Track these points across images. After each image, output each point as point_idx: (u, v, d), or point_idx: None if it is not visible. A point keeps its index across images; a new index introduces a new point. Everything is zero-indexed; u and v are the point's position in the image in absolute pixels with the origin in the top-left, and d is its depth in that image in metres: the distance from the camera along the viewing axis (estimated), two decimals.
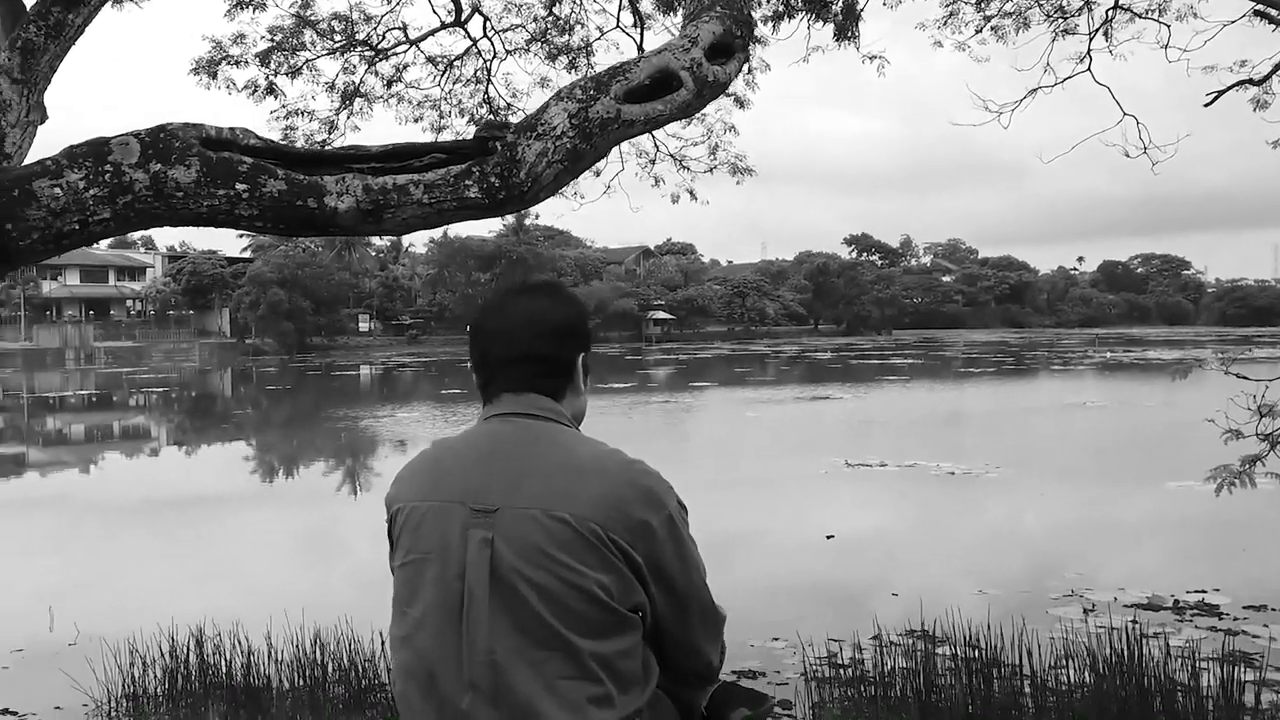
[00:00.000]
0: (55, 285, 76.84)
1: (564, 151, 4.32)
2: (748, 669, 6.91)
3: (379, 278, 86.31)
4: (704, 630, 1.88)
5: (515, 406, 1.84)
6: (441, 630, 1.71)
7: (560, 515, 1.69)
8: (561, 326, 1.90)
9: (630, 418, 25.92)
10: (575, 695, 1.67)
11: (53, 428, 31.10)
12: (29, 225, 3.74)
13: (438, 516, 1.76)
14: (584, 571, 1.67)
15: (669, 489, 1.82)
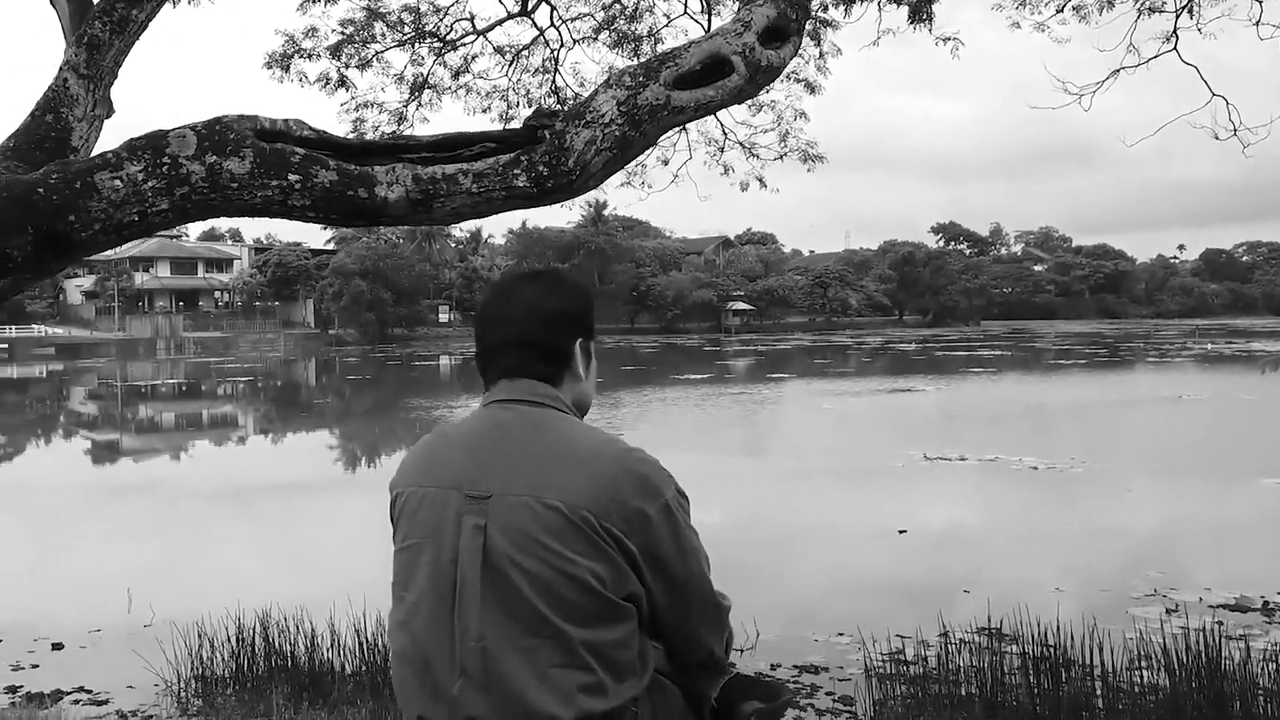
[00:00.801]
0: (147, 277, 79.54)
1: (613, 139, 4.34)
2: (809, 663, 6.87)
3: (459, 269, 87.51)
4: (704, 620, 1.86)
5: (511, 393, 1.85)
6: (434, 616, 1.73)
7: (552, 503, 1.69)
8: (557, 312, 1.90)
9: (703, 409, 25.89)
10: (566, 683, 1.67)
11: (145, 416, 32.26)
12: (91, 217, 3.89)
13: (433, 502, 1.78)
14: (575, 560, 1.67)
15: (667, 478, 1.81)
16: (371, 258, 71.04)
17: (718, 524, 11.97)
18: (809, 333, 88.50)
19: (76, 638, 7.19)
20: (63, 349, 70.19)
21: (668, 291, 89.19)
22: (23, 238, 3.79)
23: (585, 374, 1.94)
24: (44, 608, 8.12)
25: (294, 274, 78.00)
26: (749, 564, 9.85)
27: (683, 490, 1.85)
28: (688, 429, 21.64)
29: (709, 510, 12.80)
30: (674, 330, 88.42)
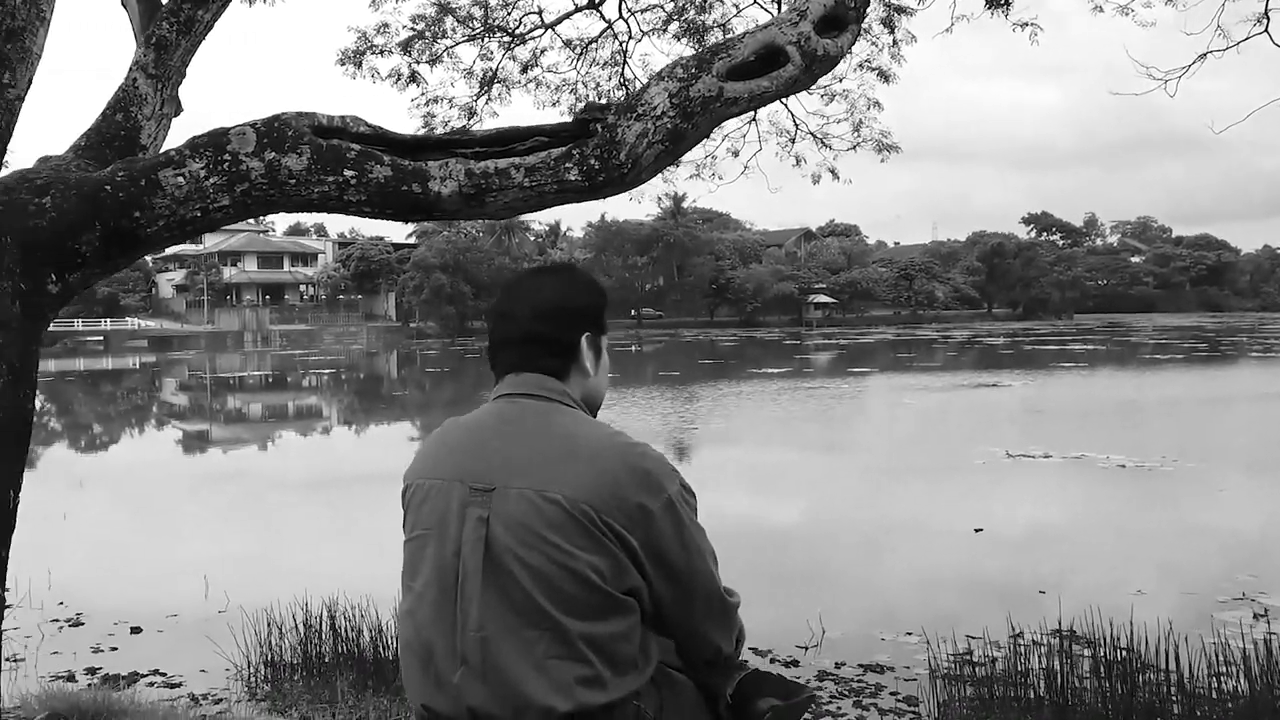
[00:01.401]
0: (235, 271, 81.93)
1: (664, 132, 4.35)
2: (875, 662, 6.82)
3: (537, 262, 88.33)
4: (710, 616, 1.87)
5: (517, 387, 1.88)
6: (438, 606, 1.78)
7: (553, 496, 1.71)
8: (562, 307, 1.92)
9: (779, 403, 25.75)
10: (563, 675, 1.69)
11: (233, 407, 33.28)
12: (155, 213, 4.04)
13: (439, 494, 1.82)
14: (574, 553, 1.69)
15: (671, 473, 1.82)
16: (451, 251, 72.19)
17: (787, 520, 11.93)
18: (893, 326, 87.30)
19: (155, 622, 7.49)
20: (155, 341, 72.79)
21: (747, 284, 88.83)
22: (91, 233, 3.95)
23: (594, 369, 1.95)
24: (126, 592, 8.46)
25: (376, 268, 79.62)
26: (818, 561, 9.81)
27: (689, 486, 1.85)
28: (762, 423, 21.53)
29: (779, 506, 12.78)
30: (754, 324, 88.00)
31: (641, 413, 23.75)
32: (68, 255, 3.93)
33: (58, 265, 3.91)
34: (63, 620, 7.52)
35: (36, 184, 4.00)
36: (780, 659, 6.84)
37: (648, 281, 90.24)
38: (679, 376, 35.93)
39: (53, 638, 7.12)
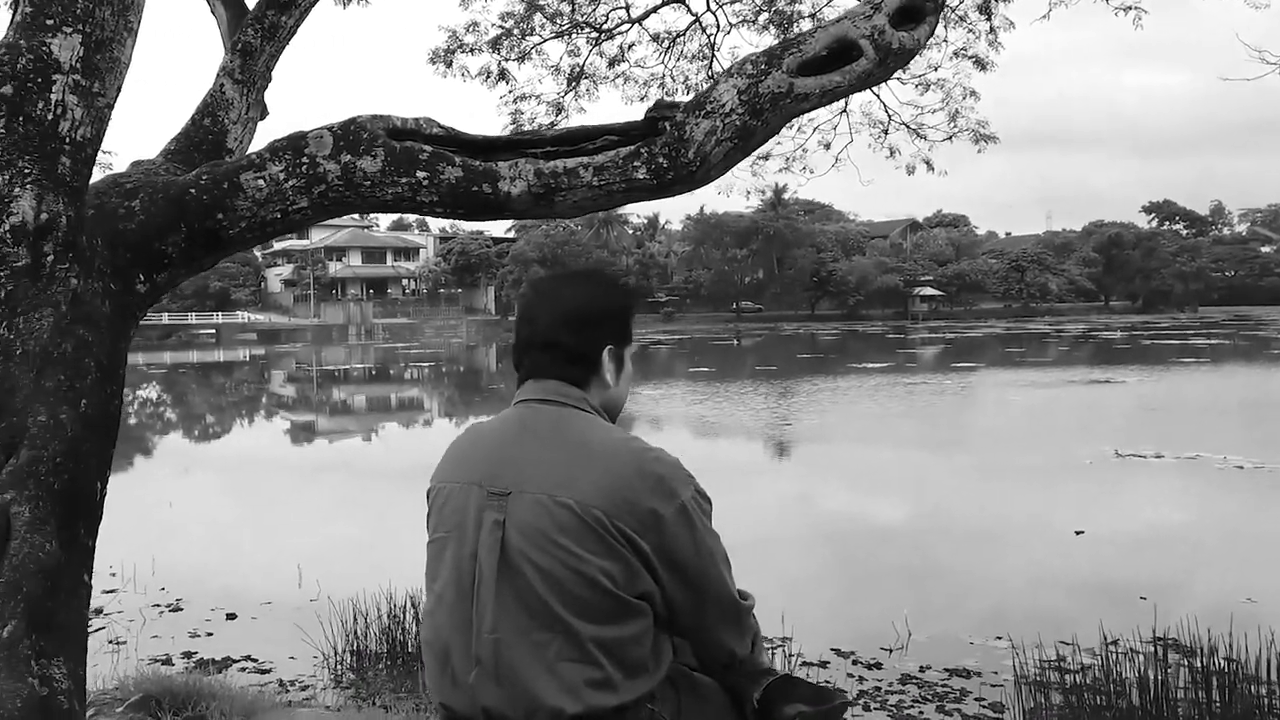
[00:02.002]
0: (340, 266, 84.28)
1: (733, 129, 4.37)
2: (961, 667, 6.73)
3: (635, 255, 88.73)
4: (723, 621, 1.90)
5: (537, 393, 1.93)
6: (455, 607, 1.84)
7: (565, 501, 1.76)
8: (585, 316, 1.95)
9: (876, 399, 25.38)
10: (574, 678, 1.74)
11: (338, 398, 34.30)
12: (237, 215, 4.22)
13: (459, 497, 1.89)
14: (586, 558, 1.74)
15: (685, 479, 1.84)
16: (549, 245, 73.09)
17: (877, 519, 11.80)
18: (1003, 319, 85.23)
19: (249, 609, 7.81)
20: (263, 334, 75.43)
21: (850, 277, 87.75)
22: (177, 235, 4.16)
23: (615, 380, 1.98)
24: (224, 579, 8.82)
25: (476, 262, 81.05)
26: (907, 561, 9.70)
27: (704, 492, 1.88)
28: (856, 420, 21.28)
29: (869, 504, 12.64)
30: (856, 317, 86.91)
31: (734, 407, 23.72)
32: (155, 256, 4.14)
33: (145, 266, 4.12)
34: (164, 605, 7.90)
35: (126, 188, 4.22)
36: (863, 660, 6.81)
37: (747, 274, 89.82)
38: (776, 371, 35.75)
39: (153, 622, 7.49)
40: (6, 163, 3.65)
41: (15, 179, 3.66)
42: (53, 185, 3.77)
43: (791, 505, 12.56)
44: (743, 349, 55.66)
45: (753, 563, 9.55)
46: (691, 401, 25.64)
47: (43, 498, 3.24)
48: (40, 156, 3.73)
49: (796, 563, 9.69)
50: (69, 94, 3.78)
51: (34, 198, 3.69)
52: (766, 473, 15.56)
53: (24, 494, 3.19)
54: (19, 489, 3.20)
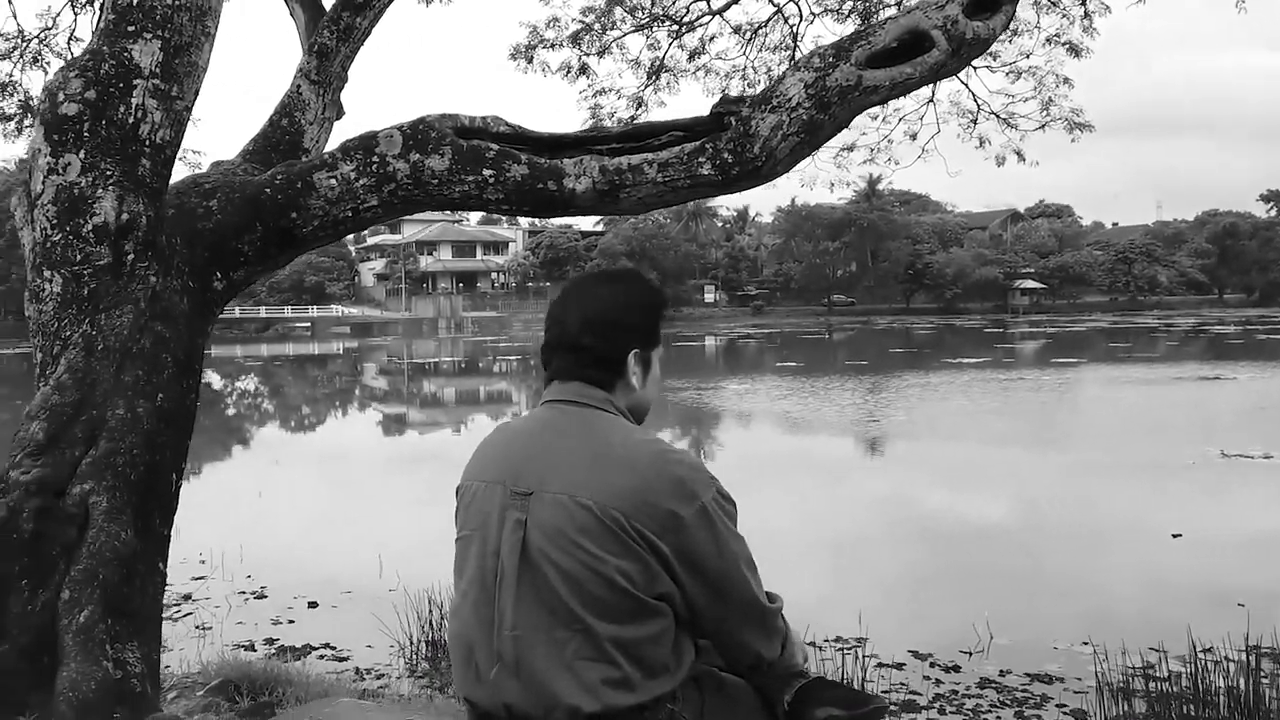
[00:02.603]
0: (431, 260, 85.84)
1: (800, 123, 4.36)
2: (1044, 672, 6.61)
3: (725, 248, 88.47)
4: (748, 623, 1.90)
5: (562, 394, 1.96)
6: (478, 604, 1.88)
7: (585, 502, 1.78)
8: (612, 320, 1.96)
9: (969, 395, 24.91)
10: (591, 676, 1.76)
11: (428, 391, 34.97)
12: (310, 213, 4.37)
13: (484, 496, 1.93)
14: (604, 558, 1.76)
15: (707, 481, 1.85)
16: (638, 238, 73.33)
17: (960, 518, 11.62)
18: (1109, 313, 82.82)
19: (330, 597, 8.04)
20: (356, 328, 77.25)
21: (947, 269, 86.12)
22: (253, 233, 4.32)
23: (641, 384, 1.99)
24: (308, 568, 9.09)
25: (564, 255, 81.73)
26: (992, 562, 9.54)
27: (726, 494, 1.88)
28: (946, 416, 20.88)
29: (954, 503, 12.44)
30: (953, 311, 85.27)
31: (820, 403, 23.53)
32: (231, 254, 4.31)
33: (222, 264, 4.29)
34: (249, 592, 8.19)
35: (205, 188, 4.40)
36: (940, 663, 6.73)
37: (839, 267, 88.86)
38: (867, 366, 35.33)
39: (238, 609, 7.77)
40: (89, 165, 3.85)
41: (98, 181, 3.85)
42: (133, 186, 3.95)
43: (875, 503, 12.44)
44: (834, 343, 55.12)
45: (831, 562, 9.54)
46: (777, 397, 25.50)
47: (120, 488, 3.41)
48: (121, 159, 3.91)
49: (876, 562, 9.61)
50: (149, 98, 3.96)
51: (115, 198, 3.88)
52: (849, 470, 15.42)
53: (102, 484, 3.36)
54: (98, 479, 3.37)
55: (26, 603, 3.14)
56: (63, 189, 3.78)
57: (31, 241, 3.83)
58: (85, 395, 3.54)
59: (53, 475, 3.32)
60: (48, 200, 3.79)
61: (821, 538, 10.60)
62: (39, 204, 3.81)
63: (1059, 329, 62.13)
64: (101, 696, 3.02)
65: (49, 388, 3.54)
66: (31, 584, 3.16)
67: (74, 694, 2.97)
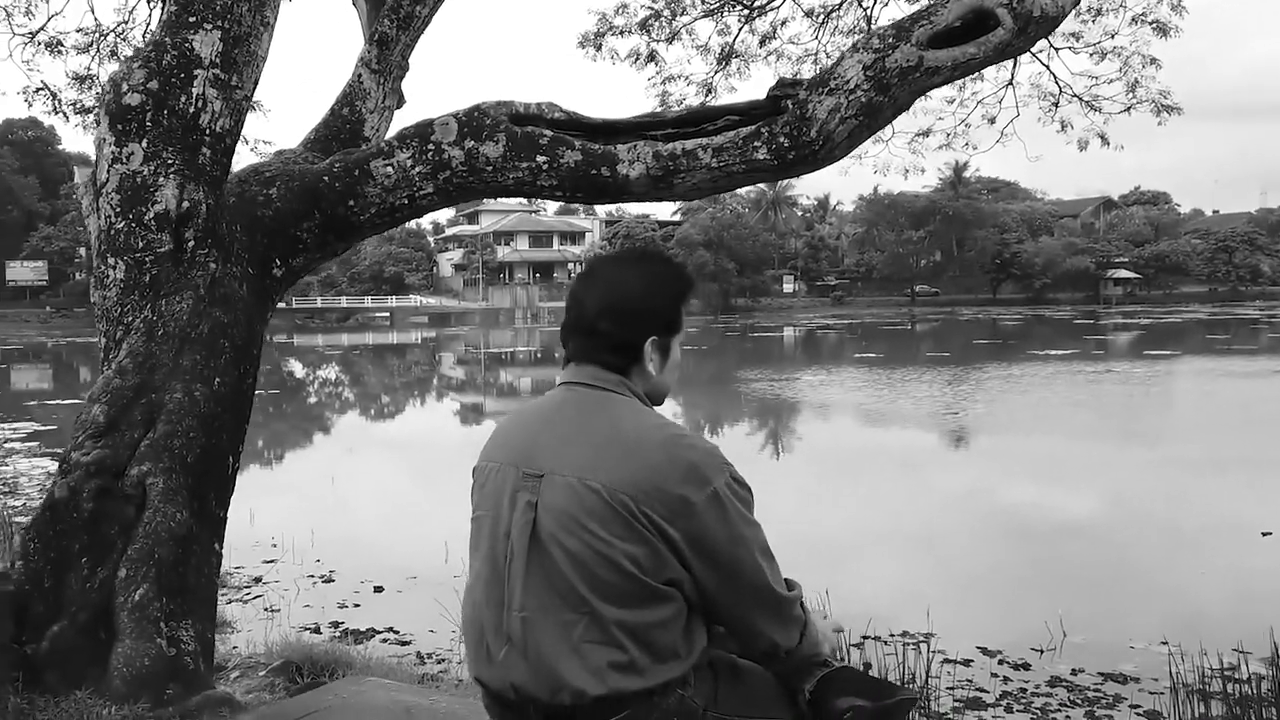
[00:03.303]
0: (508, 250, 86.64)
1: (858, 106, 4.31)
2: (1118, 671, 6.46)
3: (804, 237, 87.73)
4: (760, 610, 1.88)
5: (578, 376, 1.96)
6: (489, 585, 1.90)
7: (593, 485, 1.78)
8: (628, 306, 1.94)
9: (1051, 387, 24.33)
10: (597, 660, 1.77)
11: (505, 380, 35.36)
12: (367, 201, 4.46)
13: (497, 477, 1.94)
14: (612, 541, 1.76)
15: (719, 466, 1.83)
16: (715, 228, 73.04)
17: (1035, 513, 11.39)
18: (1208, 304, 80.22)
19: (396, 582, 8.18)
20: (434, 317, 78.42)
21: (1036, 259, 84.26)
22: (311, 221, 4.42)
23: (659, 370, 1.98)
24: (375, 553, 9.26)
25: (640, 245, 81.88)
26: (1069, 558, 9.34)
27: (740, 479, 1.87)
28: (1028, 409, 20.42)
29: (1027, 497, 12.19)
30: (1042, 301, 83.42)
31: (896, 395, 23.22)
32: (290, 241, 4.41)
33: (282, 250, 4.40)
34: (317, 576, 8.37)
35: (265, 176, 4.51)
36: (1010, 660, 6.61)
37: (923, 256, 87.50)
38: (949, 358, 34.75)
39: (306, 591, 7.95)
40: (151, 154, 3.97)
41: (159, 169, 3.98)
42: (194, 175, 4.07)
43: (949, 497, 12.24)
44: (916, 334, 54.34)
45: (901, 556, 9.43)
46: (852, 388, 25.23)
47: (176, 470, 3.53)
48: (182, 148, 4.03)
49: (948, 557, 9.47)
50: (209, 88, 4.07)
51: (176, 187, 4.00)
52: (923, 463, 15.18)
53: (159, 466, 3.48)
54: (155, 461, 3.49)
55: (85, 580, 3.26)
56: (126, 178, 3.91)
57: (97, 229, 3.97)
58: (145, 379, 3.66)
59: (112, 457, 3.44)
60: (112, 189, 3.92)
61: (892, 531, 10.48)
62: (104, 192, 3.94)
63: (1153, 320, 60.43)
64: (155, 672, 3.12)
65: (110, 371, 3.66)
66: (90, 562, 3.29)
67: (128, 669, 3.08)
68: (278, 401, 26.38)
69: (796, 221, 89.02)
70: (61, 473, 3.41)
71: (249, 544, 9.04)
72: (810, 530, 10.29)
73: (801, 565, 8.07)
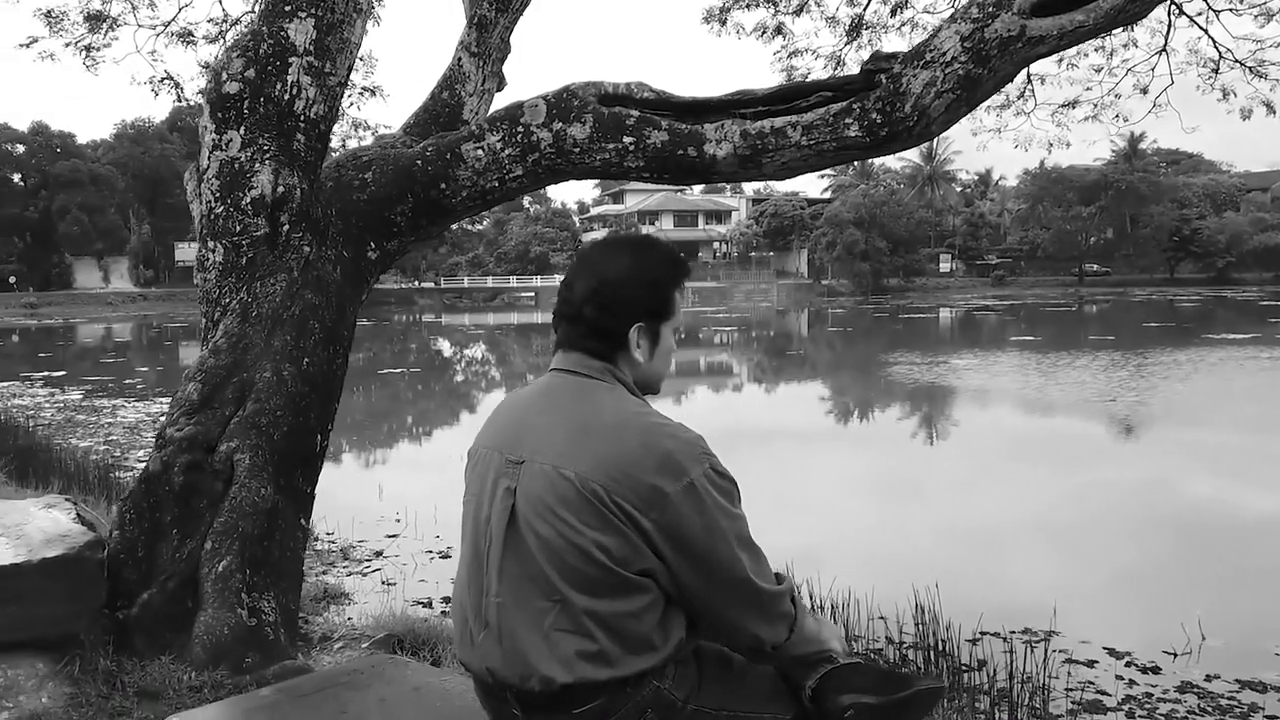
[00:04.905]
0: (653, 230, 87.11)
1: (955, 79, 4.20)
2: (1257, 679, 6.12)
3: (963, 214, 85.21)
4: (739, 604, 1.87)
5: (564, 363, 1.98)
6: (471, 570, 1.95)
7: (567, 473, 1.81)
8: (617, 295, 1.95)
9: (1220, 375, 22.98)
10: (566, 648, 1.79)
11: None
12: (459, 184, 4.59)
13: (484, 462, 1.98)
14: (582, 530, 1.78)
15: (697, 456, 1.82)
16: (867, 205, 71.63)
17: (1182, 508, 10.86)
18: None
19: None
20: None
21: (1219, 235, 79.66)
22: (405, 204, 4.59)
23: (646, 357, 1.98)
24: None
25: (789, 224, 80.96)
26: (1214, 558, 8.89)
27: (723, 470, 1.85)
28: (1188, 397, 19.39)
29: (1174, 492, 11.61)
30: (1225, 281, 78.89)
31: (1046, 380, 22.31)
32: (384, 225, 4.59)
33: (376, 234, 4.58)
34: (435, 552, 8.65)
35: (362, 160, 4.70)
36: (1138, 663, 6.36)
37: (1093, 234, 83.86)
38: (1113, 342, 33.26)
39: (423, 567, 8.23)
40: (249, 141, 4.19)
41: (256, 155, 4.20)
42: (288, 160, 4.28)
43: (1087, 489, 11.78)
44: (1081, 316, 52.24)
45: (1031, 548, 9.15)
46: (999, 373, 24.41)
47: (262, 447, 3.73)
48: (278, 134, 4.24)
49: (1084, 551, 9.13)
50: (303, 75, 4.26)
51: (272, 172, 4.22)
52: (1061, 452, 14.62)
53: (246, 442, 3.69)
54: (243, 438, 3.70)
55: (175, 551, 3.50)
56: (225, 164, 4.14)
57: (199, 214, 4.22)
58: (238, 359, 3.88)
59: (203, 433, 3.67)
60: (212, 175, 4.16)
61: (1023, 522, 10.17)
62: (205, 178, 4.19)
63: None
64: (234, 641, 3.33)
65: (206, 351, 3.90)
66: (180, 534, 3.52)
67: (208, 637, 3.30)
68: (425, 380, 27.29)
69: (955, 197, 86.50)
70: (157, 447, 3.66)
71: (375, 518, 9.43)
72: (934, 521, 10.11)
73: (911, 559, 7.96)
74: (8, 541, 3.13)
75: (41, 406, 19.54)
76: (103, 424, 16.99)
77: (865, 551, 8.90)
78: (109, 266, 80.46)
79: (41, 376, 26.19)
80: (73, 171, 73.90)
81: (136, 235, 78.14)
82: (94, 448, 13.59)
